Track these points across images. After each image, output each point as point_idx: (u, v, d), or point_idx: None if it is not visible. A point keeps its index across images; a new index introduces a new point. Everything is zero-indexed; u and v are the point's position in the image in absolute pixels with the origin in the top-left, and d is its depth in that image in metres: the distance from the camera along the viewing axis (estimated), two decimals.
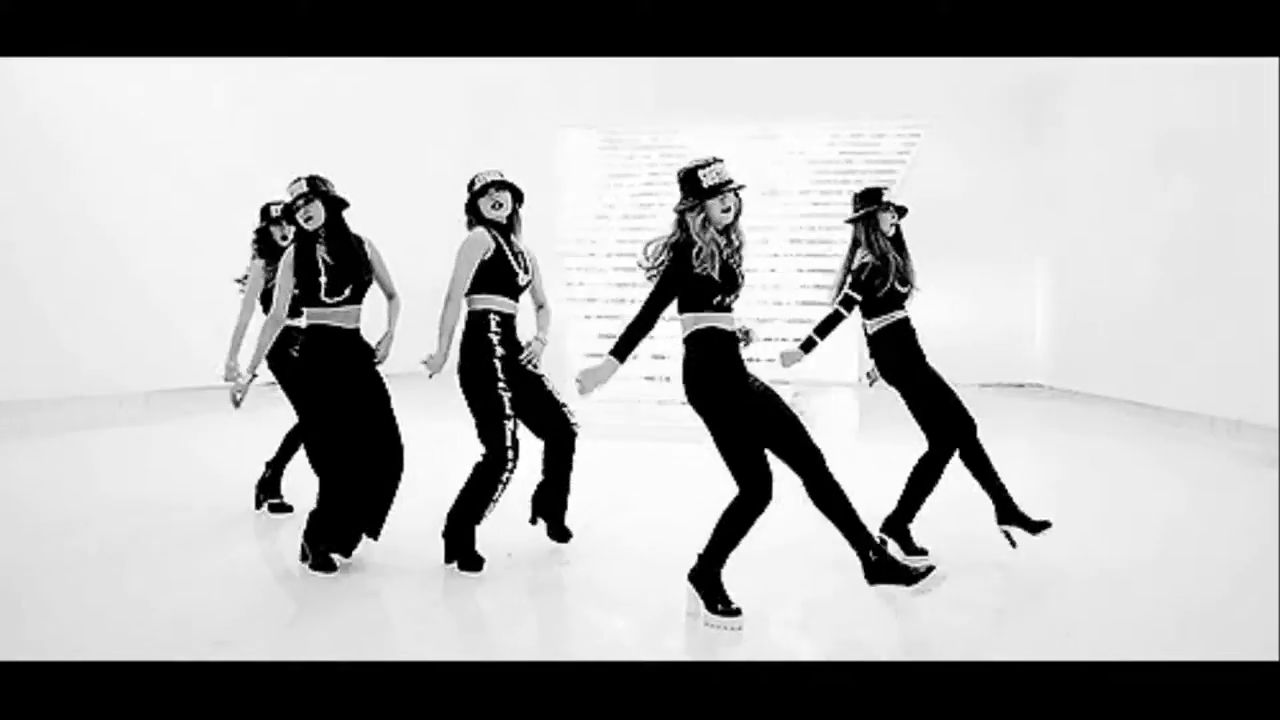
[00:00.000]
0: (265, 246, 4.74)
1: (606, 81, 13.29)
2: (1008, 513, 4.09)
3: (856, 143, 13.57)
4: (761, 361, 9.87)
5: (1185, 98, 8.83)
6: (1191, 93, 8.70)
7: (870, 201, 4.14)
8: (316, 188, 3.87)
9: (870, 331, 4.17)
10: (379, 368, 4.06)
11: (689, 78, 12.96)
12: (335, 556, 3.91)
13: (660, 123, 13.74)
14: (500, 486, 3.86)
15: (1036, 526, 4.04)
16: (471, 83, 13.64)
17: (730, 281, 3.26)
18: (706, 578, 3.29)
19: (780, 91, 12.87)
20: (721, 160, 3.28)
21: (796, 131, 13.63)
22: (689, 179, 3.25)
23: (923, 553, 4.09)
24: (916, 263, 4.22)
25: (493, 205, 3.94)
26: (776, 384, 7.77)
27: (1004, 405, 10.70)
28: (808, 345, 4.15)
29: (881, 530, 4.13)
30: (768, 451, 3.25)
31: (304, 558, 3.92)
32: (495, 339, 3.85)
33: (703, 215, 3.22)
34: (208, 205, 9.79)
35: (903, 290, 4.13)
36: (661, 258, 3.26)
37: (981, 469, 4.09)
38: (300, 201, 3.84)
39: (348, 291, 3.89)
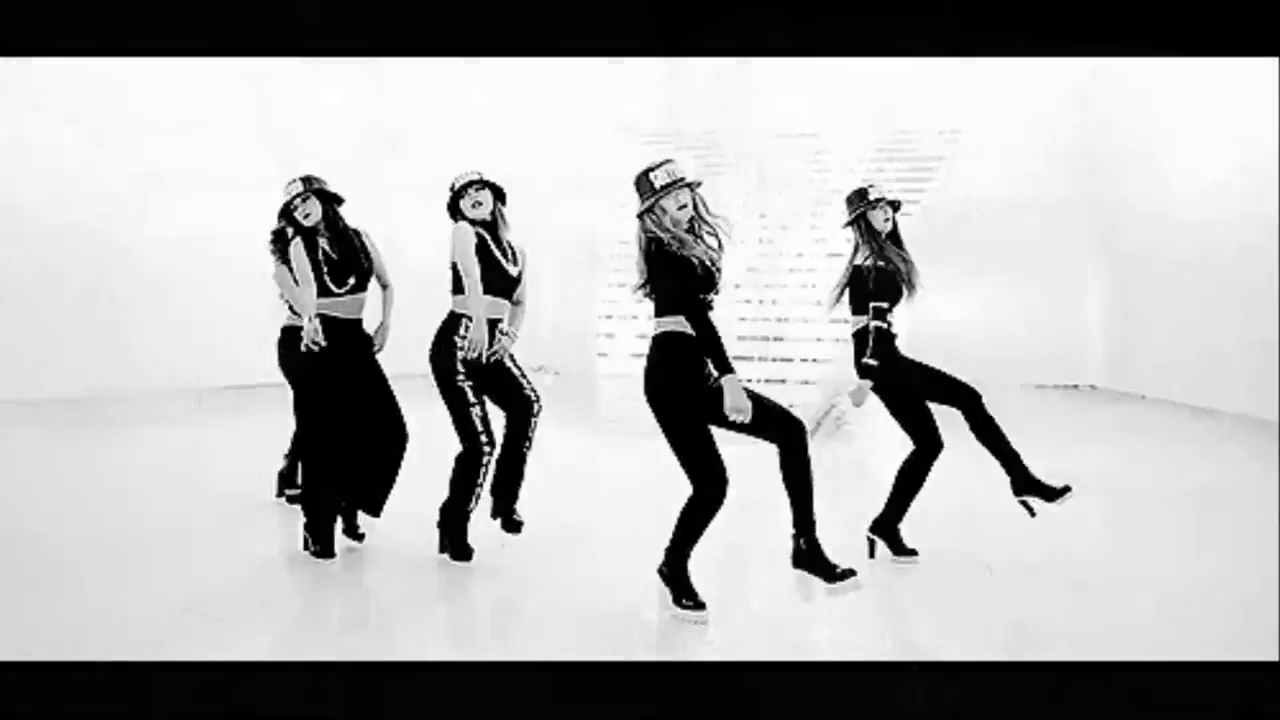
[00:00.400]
0: (283, 246, 4.85)
1: (645, 81, 13.29)
2: (1023, 482, 3.94)
3: (897, 141, 13.38)
4: (806, 361, 9.78)
5: (1235, 96, 8.59)
6: (1240, 91, 8.47)
7: (859, 202, 4.06)
8: (311, 185, 4.02)
9: (852, 330, 4.07)
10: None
11: (730, 77, 12.92)
12: (338, 542, 4.08)
13: (700, 123, 13.68)
14: (483, 471, 3.93)
15: (1054, 493, 3.87)
16: (509, 81, 13.74)
17: (709, 279, 3.25)
18: (673, 573, 3.32)
19: (822, 91, 12.78)
20: (673, 160, 3.30)
21: (838, 131, 13.49)
22: (642, 180, 3.29)
23: (913, 553, 4.02)
24: (941, 265, 4.13)
25: (472, 205, 3.97)
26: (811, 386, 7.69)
27: (1050, 406, 10.49)
28: (865, 372, 3.97)
29: (870, 531, 4.07)
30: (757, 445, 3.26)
31: (306, 546, 4.06)
32: (459, 341, 3.87)
33: (665, 215, 3.24)
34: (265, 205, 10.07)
35: (907, 292, 4.03)
36: (644, 268, 3.27)
37: (992, 438, 3.96)
38: (297, 200, 4.00)
39: (351, 281, 4.04)
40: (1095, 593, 3.66)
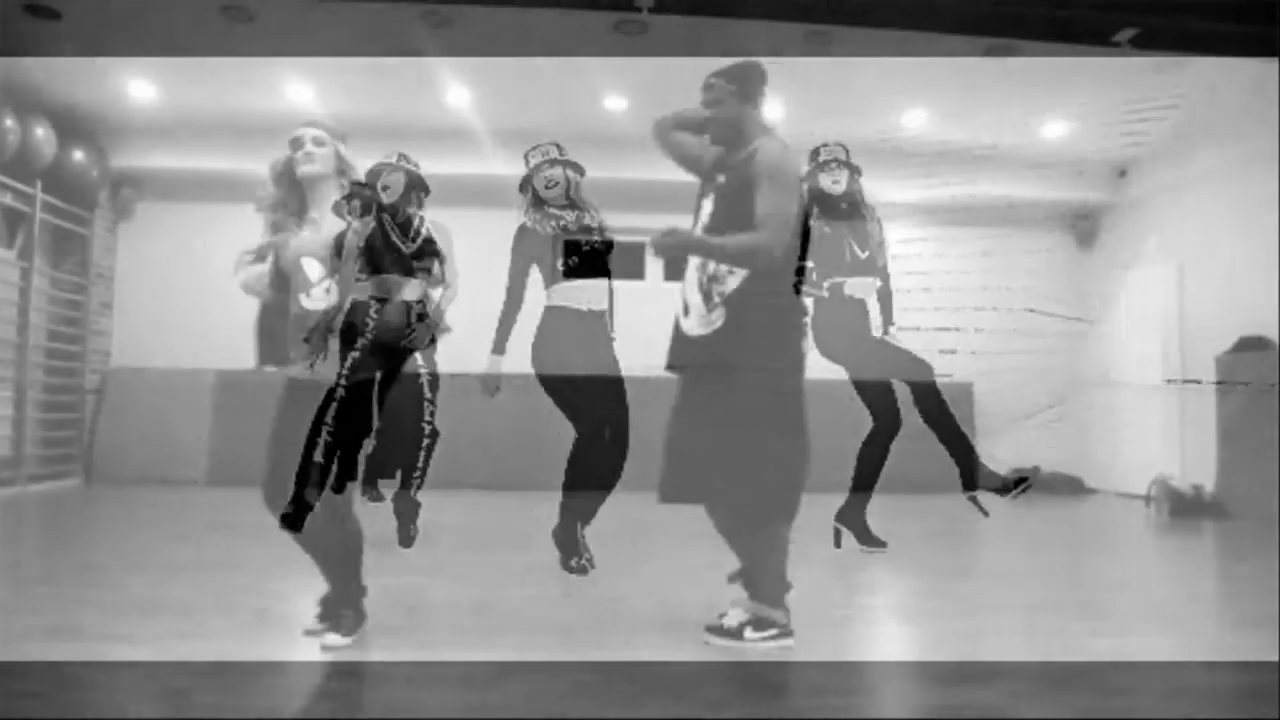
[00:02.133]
0: None
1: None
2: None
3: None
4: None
5: None
6: None
7: (810, 162, 4.04)
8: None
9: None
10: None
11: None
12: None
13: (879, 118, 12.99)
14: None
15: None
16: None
17: (567, 252, 3.29)
18: (564, 535, 3.44)
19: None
20: (555, 144, 3.38)
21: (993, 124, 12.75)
22: (526, 157, 3.41)
23: (881, 544, 4.02)
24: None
25: (381, 187, 3.77)
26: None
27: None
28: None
29: (836, 520, 4.08)
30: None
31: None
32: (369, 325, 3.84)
33: (532, 192, 3.34)
34: None
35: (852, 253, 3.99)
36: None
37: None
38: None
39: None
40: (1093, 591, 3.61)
